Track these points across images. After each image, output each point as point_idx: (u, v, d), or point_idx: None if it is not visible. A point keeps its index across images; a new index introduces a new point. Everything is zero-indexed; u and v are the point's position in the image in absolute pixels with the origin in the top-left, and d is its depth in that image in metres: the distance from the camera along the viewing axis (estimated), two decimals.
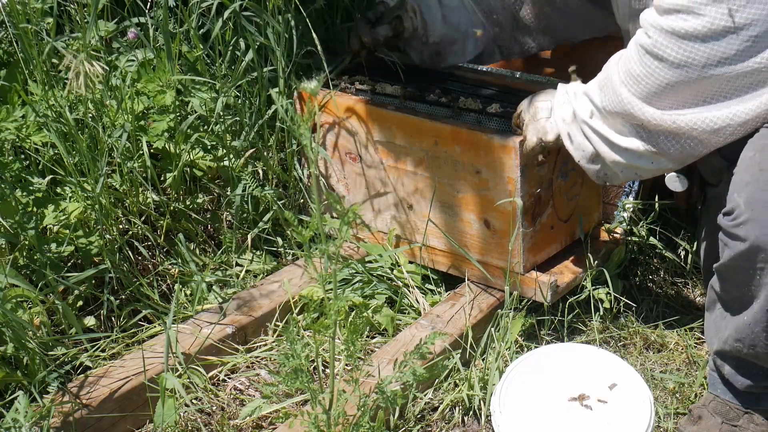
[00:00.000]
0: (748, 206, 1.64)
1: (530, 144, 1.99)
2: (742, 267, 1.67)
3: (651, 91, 1.74)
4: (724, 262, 1.72)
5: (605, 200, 2.37)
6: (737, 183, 1.69)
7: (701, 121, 1.72)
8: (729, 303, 1.78)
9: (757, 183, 1.65)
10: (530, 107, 1.99)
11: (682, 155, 1.80)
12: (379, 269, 2.29)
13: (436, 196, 2.22)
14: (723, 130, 1.73)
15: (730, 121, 1.71)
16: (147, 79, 2.35)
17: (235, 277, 2.35)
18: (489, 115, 2.12)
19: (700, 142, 1.76)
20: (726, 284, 1.76)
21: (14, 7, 2.11)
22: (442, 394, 2.01)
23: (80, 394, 1.91)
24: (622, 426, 1.69)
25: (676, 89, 1.71)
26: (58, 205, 2.19)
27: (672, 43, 1.68)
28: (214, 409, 2.00)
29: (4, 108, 2.18)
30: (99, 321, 2.19)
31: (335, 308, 1.50)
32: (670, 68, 1.70)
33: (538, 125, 1.97)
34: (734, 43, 1.65)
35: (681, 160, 1.81)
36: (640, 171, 1.87)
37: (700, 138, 1.75)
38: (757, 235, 1.62)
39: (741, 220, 1.65)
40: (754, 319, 1.70)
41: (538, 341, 2.16)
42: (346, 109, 2.30)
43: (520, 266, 2.14)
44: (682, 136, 1.76)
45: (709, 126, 1.73)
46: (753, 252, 1.64)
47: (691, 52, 1.67)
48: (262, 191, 2.40)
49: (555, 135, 1.95)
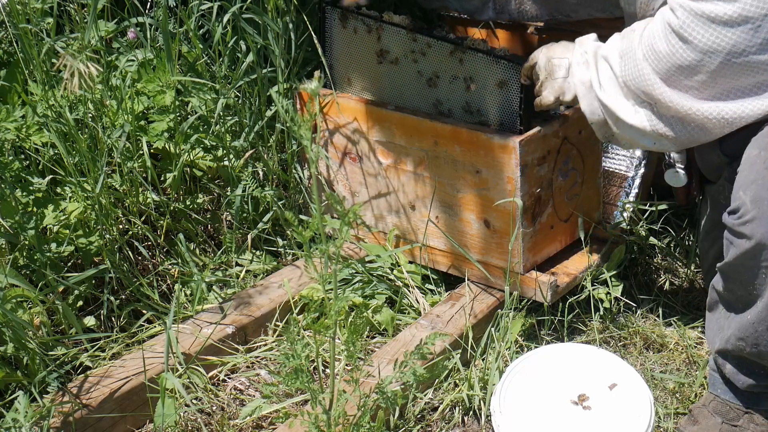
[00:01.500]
0: (754, 204, 1.64)
1: (546, 102, 1.98)
2: (748, 265, 1.67)
3: (672, 71, 1.72)
4: (728, 261, 1.72)
5: (605, 200, 2.37)
6: (742, 181, 1.69)
7: (717, 112, 1.71)
8: (733, 302, 1.78)
9: (763, 181, 1.64)
10: (547, 64, 1.97)
11: (686, 140, 1.79)
12: (379, 269, 2.29)
13: (436, 196, 2.22)
14: (735, 123, 1.72)
15: (744, 115, 1.70)
16: (147, 80, 2.35)
17: (235, 277, 2.35)
18: (497, 57, 2.07)
19: (708, 131, 1.75)
20: (730, 283, 1.76)
21: (14, 7, 2.11)
22: (442, 394, 2.01)
23: (80, 394, 1.91)
24: (622, 426, 1.69)
25: (696, 73, 1.69)
26: (58, 205, 2.19)
27: (700, 26, 1.66)
28: (214, 409, 2.00)
29: (4, 108, 2.18)
30: (99, 321, 2.19)
31: (335, 308, 1.50)
32: (693, 51, 1.68)
33: (556, 84, 1.96)
34: (762, 33, 1.63)
35: (683, 144, 1.81)
36: (642, 146, 1.89)
37: (709, 127, 1.74)
38: (763, 233, 1.62)
39: (747, 218, 1.64)
40: (759, 317, 1.70)
41: (538, 341, 2.16)
42: (346, 110, 2.30)
43: (520, 266, 2.14)
44: (693, 122, 1.75)
45: (723, 118, 1.71)
46: (759, 250, 1.63)
47: (717, 37, 1.65)
48: (262, 192, 2.40)
49: (572, 96, 1.95)
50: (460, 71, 2.12)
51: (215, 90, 2.38)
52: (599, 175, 2.28)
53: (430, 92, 2.19)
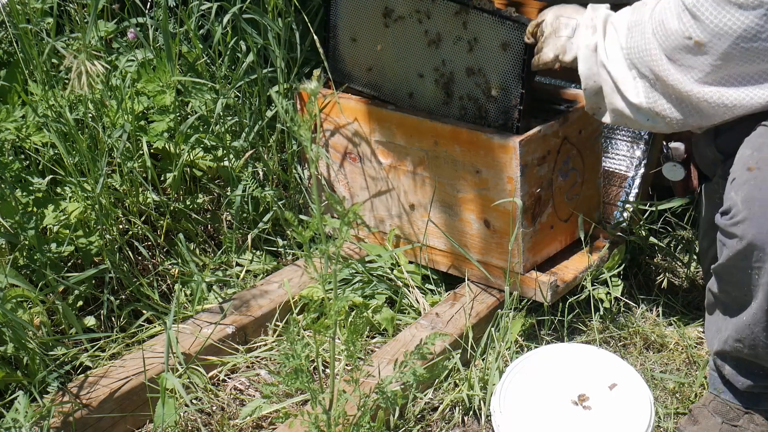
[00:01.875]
0: (745, 204, 1.63)
1: (545, 59, 1.95)
2: (740, 266, 1.67)
3: (678, 49, 1.70)
4: (722, 262, 1.72)
5: (605, 200, 2.37)
6: (734, 181, 1.69)
7: (717, 97, 1.70)
8: (728, 303, 1.78)
9: (754, 181, 1.64)
10: (554, 21, 1.94)
11: (679, 122, 1.78)
12: (379, 269, 2.29)
13: (436, 196, 2.22)
14: (734, 110, 1.70)
15: (745, 103, 1.68)
16: (147, 80, 2.35)
17: (235, 277, 2.35)
18: (502, 18, 2.04)
19: (704, 115, 1.73)
20: (724, 284, 1.76)
21: (14, 7, 2.11)
22: (442, 394, 2.01)
23: (80, 394, 1.91)
24: (622, 426, 1.69)
25: (703, 54, 1.68)
26: (58, 205, 2.19)
27: (714, 6, 1.64)
28: (214, 409, 2.00)
29: (4, 108, 2.18)
30: (99, 321, 2.19)
31: (335, 308, 1.50)
32: (704, 31, 1.66)
33: (558, 42, 1.93)
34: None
35: (676, 126, 1.79)
36: (631, 123, 1.86)
37: (706, 111, 1.72)
38: (754, 234, 1.62)
39: (738, 219, 1.64)
40: (754, 319, 1.70)
41: (538, 341, 2.16)
42: (346, 110, 2.30)
43: (520, 266, 2.14)
44: (690, 105, 1.73)
45: (722, 104, 1.70)
46: (750, 251, 1.63)
47: (730, 19, 1.63)
48: (262, 192, 2.40)
49: (572, 57, 1.92)
50: (464, 33, 2.10)
51: (215, 90, 2.38)
52: (599, 175, 2.28)
53: (434, 53, 2.17)
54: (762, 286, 1.65)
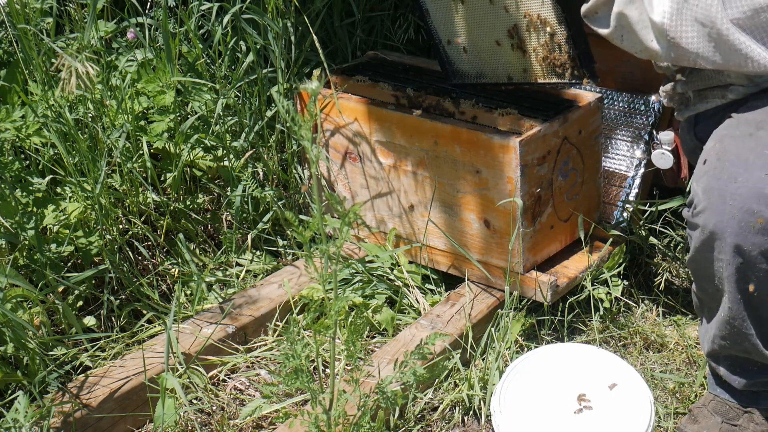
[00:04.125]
0: (706, 194, 1.62)
1: None
2: (706, 258, 1.66)
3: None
4: (691, 255, 1.71)
5: (605, 200, 2.37)
6: (697, 173, 1.68)
7: (742, 42, 1.64)
8: (707, 301, 1.77)
9: (714, 171, 1.63)
10: None
11: (685, 56, 1.70)
12: (379, 269, 2.29)
13: (436, 196, 2.22)
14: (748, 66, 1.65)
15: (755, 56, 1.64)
16: (147, 80, 2.35)
17: (235, 277, 2.35)
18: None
19: (706, 59, 1.68)
20: (699, 281, 1.75)
21: (14, 7, 2.11)
22: (442, 394, 2.01)
23: (80, 394, 1.91)
24: (622, 426, 1.69)
25: None
26: (58, 205, 2.19)
27: None
28: (214, 409, 2.01)
29: (4, 108, 2.18)
30: (99, 321, 2.19)
31: (335, 308, 1.50)
32: None
33: None
34: None
35: (678, 59, 1.72)
36: (629, 37, 1.77)
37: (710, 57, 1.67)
38: (714, 223, 1.61)
39: (699, 209, 1.64)
40: (730, 314, 1.69)
41: (538, 341, 2.16)
42: (346, 110, 2.31)
43: (520, 266, 2.14)
44: (716, 41, 1.66)
45: (747, 54, 1.64)
46: (712, 240, 1.62)
47: None
48: (262, 192, 2.41)
49: None
50: None
51: (215, 90, 2.38)
52: (599, 175, 2.28)
53: (503, 17, 2.09)
54: (727, 279, 1.65)
